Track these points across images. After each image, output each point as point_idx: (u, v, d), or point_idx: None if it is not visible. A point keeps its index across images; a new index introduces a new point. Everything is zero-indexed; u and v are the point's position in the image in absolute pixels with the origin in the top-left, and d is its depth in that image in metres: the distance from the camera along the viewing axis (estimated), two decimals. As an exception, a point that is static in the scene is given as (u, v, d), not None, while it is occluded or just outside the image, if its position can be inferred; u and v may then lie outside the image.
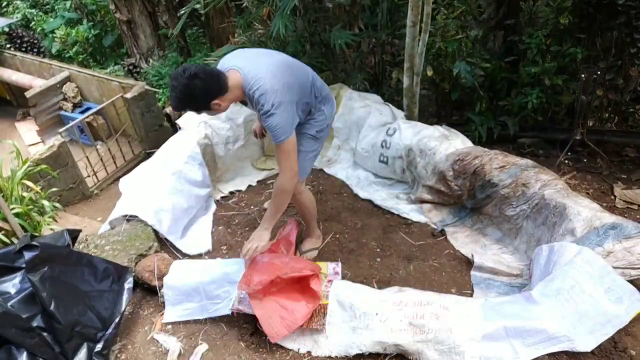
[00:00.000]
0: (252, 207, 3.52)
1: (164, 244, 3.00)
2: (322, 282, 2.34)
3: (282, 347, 2.28)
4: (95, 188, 5.10)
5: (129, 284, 2.47)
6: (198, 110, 2.18)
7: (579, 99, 3.27)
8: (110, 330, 2.30)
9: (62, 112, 6.56)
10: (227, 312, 2.36)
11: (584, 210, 2.45)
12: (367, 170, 3.69)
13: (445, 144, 3.15)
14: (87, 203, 4.82)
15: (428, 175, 3.18)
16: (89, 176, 5.08)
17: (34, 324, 2.08)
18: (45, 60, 7.11)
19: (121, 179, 3.41)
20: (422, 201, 3.26)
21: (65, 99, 6.54)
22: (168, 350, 2.33)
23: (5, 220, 2.76)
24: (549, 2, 3.40)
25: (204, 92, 2.06)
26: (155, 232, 2.96)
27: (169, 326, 2.47)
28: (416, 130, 3.33)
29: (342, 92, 3.88)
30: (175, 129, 5.65)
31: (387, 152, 3.43)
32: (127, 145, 5.70)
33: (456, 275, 2.77)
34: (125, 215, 2.99)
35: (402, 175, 3.45)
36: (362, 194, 3.52)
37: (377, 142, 3.48)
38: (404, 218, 3.25)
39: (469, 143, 3.22)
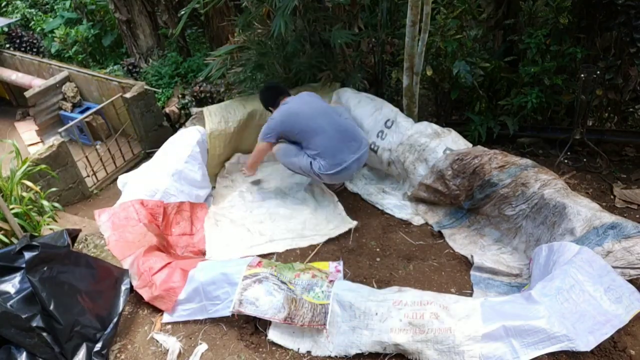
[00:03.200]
0: (251, 206, 3.51)
1: (164, 244, 2.99)
2: (324, 282, 2.33)
3: (281, 347, 2.28)
4: (95, 188, 5.10)
5: (125, 284, 2.48)
6: None
7: (579, 99, 3.27)
8: (109, 330, 2.30)
9: (62, 112, 6.55)
10: (227, 313, 2.36)
11: (583, 210, 2.45)
12: None
13: (436, 141, 3.16)
14: (86, 203, 4.82)
15: (416, 170, 3.20)
16: (88, 176, 5.07)
17: (34, 324, 2.07)
18: (45, 60, 7.10)
19: (120, 177, 3.41)
20: (418, 199, 3.27)
21: (64, 99, 6.53)
22: (168, 350, 2.33)
23: (4, 220, 2.75)
24: (549, 1, 3.40)
25: None
26: (155, 232, 2.96)
27: (169, 326, 2.47)
28: (409, 125, 3.35)
29: (341, 93, 3.89)
30: (174, 129, 5.66)
31: (379, 142, 3.44)
32: (126, 145, 5.69)
33: (456, 275, 2.77)
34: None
35: (387, 167, 3.46)
36: (351, 187, 3.57)
37: (374, 130, 3.49)
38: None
39: (461, 141, 3.22)
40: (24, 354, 2.07)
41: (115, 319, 2.34)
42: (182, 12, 4.04)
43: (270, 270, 2.39)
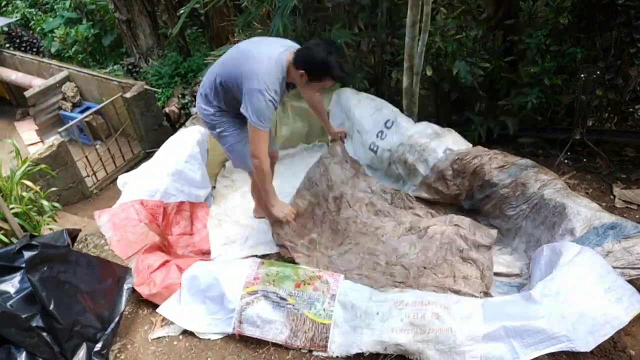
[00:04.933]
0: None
1: (164, 244, 2.99)
2: (325, 298, 2.30)
3: (282, 347, 2.28)
4: (95, 188, 5.10)
5: (128, 284, 2.48)
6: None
7: (579, 99, 3.27)
8: (109, 330, 2.30)
9: (62, 112, 6.56)
10: (227, 332, 2.36)
11: (583, 210, 2.45)
12: (359, 159, 3.71)
13: (436, 141, 3.16)
14: (86, 203, 4.82)
15: (417, 170, 3.20)
16: (88, 176, 5.08)
17: (34, 323, 2.07)
18: (45, 59, 7.11)
19: (120, 177, 3.41)
20: (419, 200, 3.26)
21: (64, 99, 6.54)
22: (172, 343, 2.33)
23: (4, 220, 2.75)
24: (549, 1, 3.40)
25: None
26: (155, 232, 2.96)
27: (169, 325, 2.47)
28: (409, 125, 3.35)
29: (341, 93, 3.89)
30: (174, 129, 5.66)
31: (378, 142, 3.44)
32: (126, 145, 5.70)
33: (456, 275, 2.76)
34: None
35: (387, 168, 3.46)
36: None
37: (374, 131, 3.49)
38: (404, 218, 3.26)
39: (461, 141, 3.21)
40: (24, 353, 2.07)
41: (116, 319, 2.34)
42: (181, 11, 4.04)
43: (268, 286, 2.34)
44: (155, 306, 2.53)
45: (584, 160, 3.50)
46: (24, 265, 2.11)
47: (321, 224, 3.07)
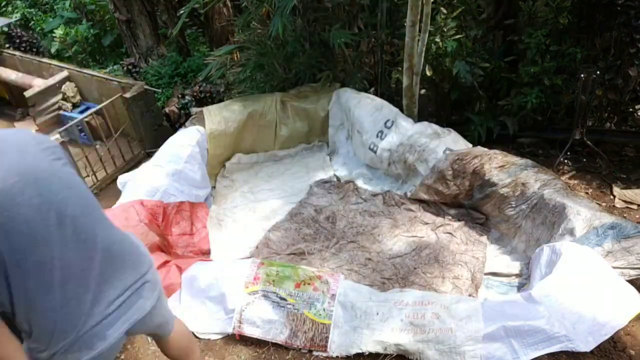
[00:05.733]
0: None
1: (164, 244, 2.99)
2: (325, 298, 2.31)
3: (282, 347, 2.28)
4: (95, 188, 5.09)
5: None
6: None
7: (579, 99, 3.27)
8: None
9: (62, 112, 6.55)
10: (228, 331, 2.36)
11: (583, 210, 2.46)
12: (358, 159, 3.70)
13: (436, 141, 3.17)
14: (86, 203, 4.81)
15: (417, 171, 3.21)
16: (88, 176, 5.06)
17: (34, 324, 2.07)
18: (45, 60, 7.09)
19: (120, 177, 3.41)
20: (419, 200, 3.27)
21: (64, 99, 6.53)
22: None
23: (4, 220, 2.75)
24: (549, 1, 3.40)
25: None
26: (155, 232, 2.96)
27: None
28: (409, 125, 3.35)
29: (341, 93, 3.89)
30: (174, 129, 5.66)
31: (378, 142, 3.44)
32: (126, 145, 5.68)
33: (456, 275, 2.77)
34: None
35: (387, 168, 3.46)
36: None
37: (374, 131, 3.49)
38: (404, 218, 3.26)
39: (461, 141, 3.22)
40: (24, 354, 2.07)
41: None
42: (181, 12, 4.04)
43: (268, 286, 2.35)
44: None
45: (584, 160, 3.50)
46: (24, 265, 2.11)
47: (314, 240, 3.07)
